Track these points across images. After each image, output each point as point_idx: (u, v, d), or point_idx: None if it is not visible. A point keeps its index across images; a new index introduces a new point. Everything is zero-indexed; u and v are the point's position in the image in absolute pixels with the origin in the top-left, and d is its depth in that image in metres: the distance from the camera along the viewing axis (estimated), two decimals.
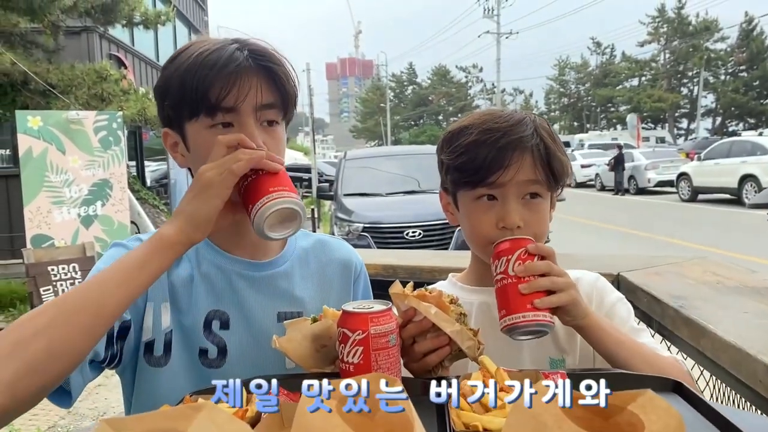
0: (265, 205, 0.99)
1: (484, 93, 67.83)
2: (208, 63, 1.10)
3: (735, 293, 1.60)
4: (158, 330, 1.17)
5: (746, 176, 15.85)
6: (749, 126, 46.21)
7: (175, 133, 1.19)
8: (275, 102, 1.14)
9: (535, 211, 1.22)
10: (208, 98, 1.10)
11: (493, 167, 1.18)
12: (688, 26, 51.71)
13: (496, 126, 1.21)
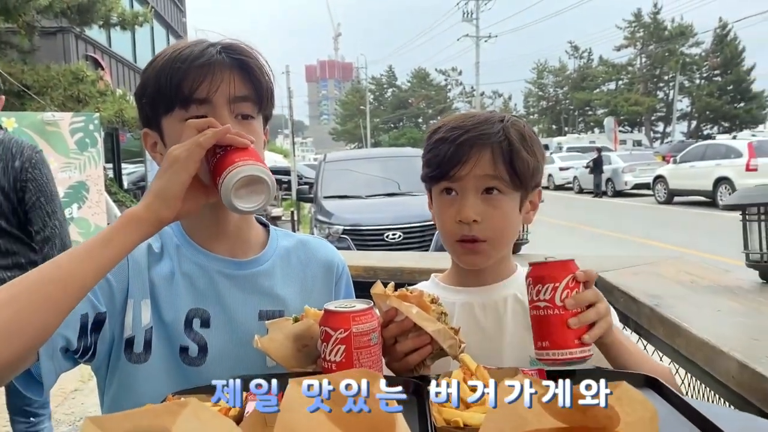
0: (231, 173, 0.98)
1: (463, 96, 68.19)
2: (180, 57, 1.13)
3: (709, 292, 1.64)
4: (138, 327, 1.16)
5: (720, 179, 16.11)
6: (723, 129, 46.98)
7: (154, 133, 1.20)
8: (249, 95, 1.16)
9: (493, 206, 1.24)
10: (181, 90, 1.12)
11: (452, 161, 1.22)
12: (664, 31, 52.49)
13: (462, 124, 1.25)
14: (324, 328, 0.95)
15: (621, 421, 0.64)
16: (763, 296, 1.61)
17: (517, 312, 1.30)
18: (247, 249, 1.28)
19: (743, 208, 2.02)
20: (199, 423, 0.61)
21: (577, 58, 61.95)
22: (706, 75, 51.78)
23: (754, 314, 1.46)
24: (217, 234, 1.24)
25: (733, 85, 49.60)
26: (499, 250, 1.29)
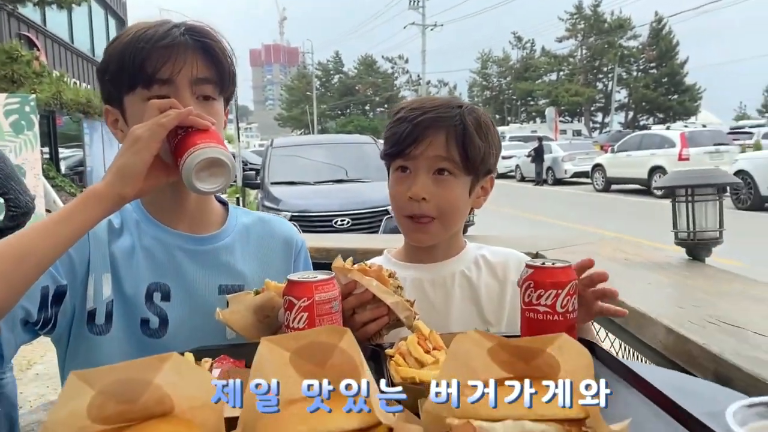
0: (192, 155, 1.01)
1: (410, 84, 68.38)
2: (144, 37, 1.15)
3: (641, 268, 1.76)
4: (100, 299, 1.19)
5: (655, 167, 16.76)
6: (658, 120, 48.73)
7: (116, 110, 1.22)
8: (211, 77, 1.19)
9: (443, 187, 1.30)
10: (144, 70, 1.14)
11: (407, 140, 1.29)
12: (604, 23, 53.90)
13: (421, 106, 1.32)
14: (288, 297, 1.00)
15: (561, 369, 0.72)
16: (689, 271, 1.75)
17: (464, 287, 1.38)
18: (207, 225, 1.31)
19: (672, 191, 2.17)
20: (179, 376, 0.66)
21: (521, 48, 62.98)
22: (642, 67, 53.52)
23: (680, 286, 1.59)
24: (177, 211, 1.27)
25: (667, 78, 51.46)
26: (447, 229, 1.35)
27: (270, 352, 0.72)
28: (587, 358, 0.70)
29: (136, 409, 0.65)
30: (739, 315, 1.37)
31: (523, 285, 1.07)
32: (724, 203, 2.18)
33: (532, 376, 0.73)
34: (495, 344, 0.73)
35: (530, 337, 0.72)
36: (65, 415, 0.64)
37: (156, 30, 1.16)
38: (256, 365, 0.71)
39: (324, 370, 0.72)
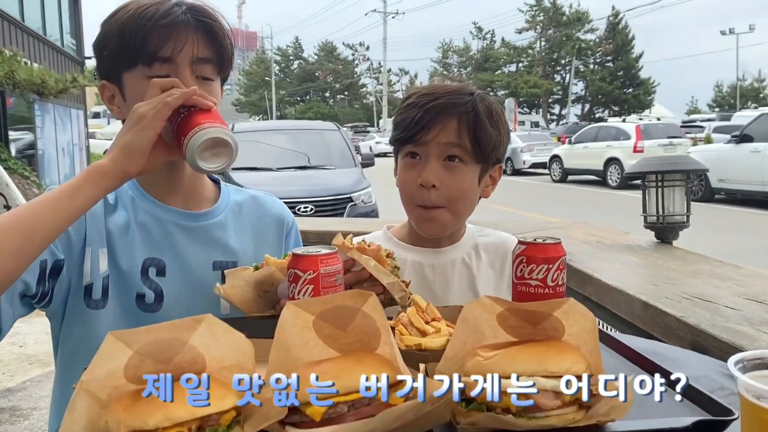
0: (196, 134, 1.03)
1: (370, 71, 68.23)
2: (146, 15, 1.15)
3: (613, 250, 1.85)
4: (96, 274, 1.20)
5: (611, 159, 17.19)
6: (613, 113, 49.84)
7: (113, 86, 1.22)
8: (211, 57, 1.20)
9: (453, 174, 1.30)
10: (145, 48, 1.15)
11: (418, 126, 1.28)
12: (562, 16, 54.68)
13: (433, 91, 1.31)
14: (293, 270, 1.03)
15: (565, 332, 0.77)
16: (659, 252, 1.84)
17: (463, 275, 1.41)
18: (200, 202, 1.33)
19: (643, 176, 2.26)
20: (212, 336, 0.69)
21: (481, 39, 63.40)
22: (599, 61, 54.54)
23: (652, 267, 1.68)
24: (172, 187, 1.28)
25: (623, 71, 52.58)
26: (456, 218, 1.36)
27: (294, 316, 0.75)
28: (591, 321, 0.76)
29: (169, 368, 0.68)
30: (710, 291, 1.46)
31: (515, 260, 1.11)
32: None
33: (537, 338, 0.79)
34: (505, 309, 0.78)
35: (539, 302, 0.77)
36: (103, 374, 0.66)
37: (157, 8, 1.16)
38: (280, 328, 0.74)
39: (346, 332, 0.76)
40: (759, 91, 50.32)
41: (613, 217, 11.62)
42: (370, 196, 8.06)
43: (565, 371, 0.71)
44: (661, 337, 1.33)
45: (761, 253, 7.13)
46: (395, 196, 1.43)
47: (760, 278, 1.63)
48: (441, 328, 1.00)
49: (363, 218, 6.85)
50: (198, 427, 0.64)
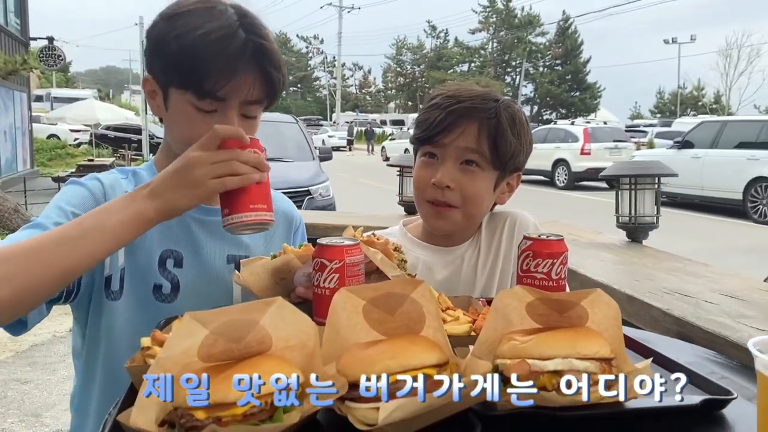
0: (242, 222, 1.07)
1: (324, 65, 67.89)
2: (214, 47, 1.12)
3: (590, 247, 1.96)
4: (115, 266, 1.22)
5: (559, 160, 17.68)
6: (561, 115, 51.14)
7: (159, 87, 1.21)
8: (261, 99, 1.20)
9: (469, 178, 1.31)
10: (202, 84, 1.13)
11: (438, 127, 1.30)
12: (514, 19, 55.72)
13: (458, 94, 1.32)
14: (319, 259, 1.08)
15: (589, 320, 0.85)
16: (633, 251, 1.96)
17: (471, 272, 1.42)
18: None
19: (617, 179, 2.39)
20: (281, 318, 0.74)
21: (435, 37, 64.01)
22: (548, 64, 55.87)
23: (629, 264, 1.80)
24: None
25: (571, 75, 54.04)
26: (467, 219, 1.37)
27: (344, 301, 0.81)
28: (615, 310, 0.84)
29: (239, 347, 0.72)
30: (687, 287, 1.59)
31: (521, 254, 1.18)
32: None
33: (561, 325, 0.87)
34: (535, 298, 0.86)
35: (568, 292, 0.85)
36: (178, 352, 0.70)
37: (223, 39, 1.12)
38: (332, 310, 0.80)
39: (393, 317, 0.82)
40: (698, 99, 52.44)
41: (563, 216, 11.98)
42: (328, 189, 8.08)
43: (594, 354, 0.79)
44: (647, 328, 1.44)
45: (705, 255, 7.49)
46: (351, 190, 1.44)
47: (730, 276, 1.78)
48: (459, 316, 1.06)
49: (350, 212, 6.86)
50: (272, 401, 0.69)
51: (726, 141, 12.29)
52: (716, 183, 12.11)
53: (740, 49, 43.36)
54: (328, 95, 61.21)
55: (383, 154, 29.45)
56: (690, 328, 1.33)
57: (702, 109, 47.21)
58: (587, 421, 0.78)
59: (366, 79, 73.00)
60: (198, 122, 1.16)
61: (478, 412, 0.78)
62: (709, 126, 13.28)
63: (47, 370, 4.44)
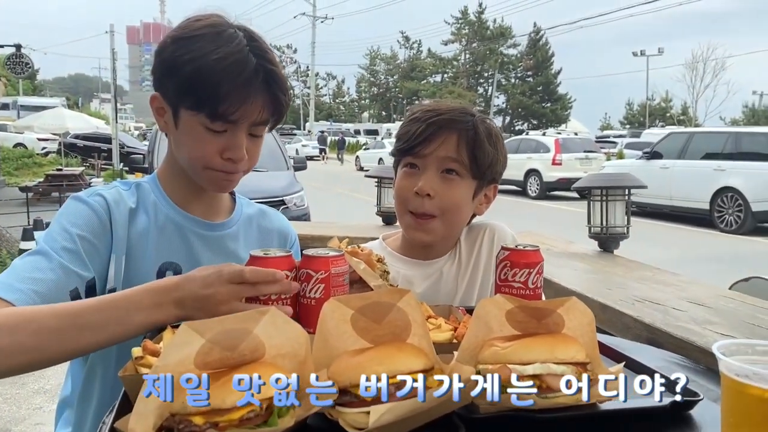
0: None
1: (298, 74, 67.82)
2: (226, 72, 1.15)
3: (563, 257, 2.01)
4: (119, 280, 1.24)
5: (531, 171, 17.90)
6: (532, 126, 51.80)
7: (167, 105, 1.24)
8: (269, 120, 1.24)
9: (449, 186, 1.36)
10: (216, 109, 1.16)
11: (419, 138, 1.35)
12: (487, 30, 56.40)
13: (437, 108, 1.39)
14: (306, 270, 1.10)
15: (565, 326, 0.90)
16: (604, 261, 2.03)
17: (451, 285, 1.46)
18: (218, 212, 1.38)
19: (589, 191, 2.46)
20: (274, 327, 0.77)
21: (408, 48, 64.46)
22: (520, 75, 56.61)
23: (601, 273, 1.86)
24: (195, 196, 1.33)
25: (542, 86, 54.81)
26: (447, 229, 1.41)
27: (333, 310, 0.84)
28: (589, 317, 0.89)
29: (233, 356, 0.75)
30: (657, 295, 1.66)
31: (499, 264, 1.23)
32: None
33: (539, 332, 0.91)
34: (514, 306, 0.90)
35: (546, 300, 0.90)
36: (175, 360, 0.73)
37: (236, 65, 1.16)
38: (321, 320, 0.84)
39: (381, 325, 0.86)
40: (666, 110, 53.63)
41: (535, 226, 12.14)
42: (302, 199, 8.09)
43: (571, 358, 0.84)
44: (619, 335, 1.50)
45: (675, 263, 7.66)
46: (326, 200, 1.48)
47: (696, 285, 1.85)
48: (441, 324, 1.10)
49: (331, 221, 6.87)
50: (267, 406, 0.72)
51: (693, 152, 12.58)
52: (684, 193, 12.38)
53: (706, 62, 44.59)
54: (302, 105, 61.20)
55: (357, 163, 29.50)
56: (659, 334, 1.40)
57: (670, 120, 48.29)
58: (565, 423, 0.83)
59: (340, 89, 73.20)
60: (207, 141, 1.20)
61: (461, 414, 0.82)
62: (677, 137, 13.58)
63: (16, 384, 4.37)
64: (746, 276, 2.42)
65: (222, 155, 1.22)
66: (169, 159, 1.33)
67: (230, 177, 1.26)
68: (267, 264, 1.07)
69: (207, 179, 1.26)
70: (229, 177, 1.26)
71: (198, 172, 1.25)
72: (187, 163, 1.26)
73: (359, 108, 71.58)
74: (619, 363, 1.06)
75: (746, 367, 0.71)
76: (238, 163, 1.23)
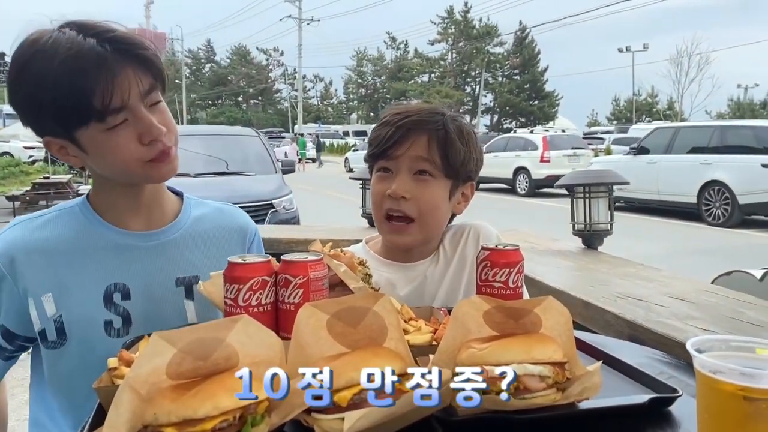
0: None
1: (285, 77, 67.76)
2: (77, 70, 1.09)
3: (547, 254, 2.02)
4: (45, 319, 1.21)
5: (519, 168, 17.96)
6: (520, 124, 51.98)
7: (62, 140, 1.18)
8: (154, 83, 1.18)
9: (423, 187, 1.36)
10: (93, 106, 1.10)
11: (389, 141, 1.35)
12: (473, 29, 56.55)
13: (406, 110, 1.39)
14: (284, 275, 1.09)
15: (543, 325, 0.90)
16: (588, 257, 2.03)
17: (433, 288, 1.44)
18: (161, 218, 1.32)
19: (571, 188, 2.47)
20: (246, 335, 0.77)
21: (395, 48, 64.56)
22: (507, 73, 56.79)
23: (585, 270, 1.86)
24: (132, 209, 1.27)
25: (529, 84, 55.04)
26: (425, 231, 1.40)
27: (308, 316, 0.84)
28: (566, 316, 0.89)
29: (206, 365, 0.74)
30: (640, 291, 1.66)
31: (479, 265, 1.22)
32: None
33: (517, 332, 0.91)
34: (492, 307, 0.90)
35: (522, 300, 0.90)
36: (147, 371, 0.72)
37: (83, 58, 1.09)
38: (296, 327, 0.83)
39: (356, 329, 0.85)
40: (652, 105, 53.96)
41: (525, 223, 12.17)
42: (291, 202, 8.06)
43: (548, 358, 0.84)
44: (601, 332, 1.50)
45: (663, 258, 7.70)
46: (315, 203, 1.47)
47: (679, 280, 1.86)
48: (421, 326, 1.10)
49: (313, 225, 6.86)
50: (240, 415, 0.71)
51: (679, 146, 12.65)
52: (671, 187, 12.44)
53: (690, 57, 44.89)
54: (290, 107, 61.10)
55: (346, 165, 29.46)
56: (641, 331, 1.40)
57: (656, 115, 48.60)
58: (543, 423, 0.83)
59: (327, 91, 73.11)
60: (119, 140, 1.14)
61: (440, 417, 0.82)
62: (663, 132, 13.65)
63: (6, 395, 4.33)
64: (728, 270, 2.44)
65: (142, 142, 1.16)
66: (96, 182, 1.28)
67: (165, 157, 1.19)
68: (245, 270, 1.06)
69: (149, 174, 1.20)
70: (165, 157, 1.19)
71: (136, 172, 1.19)
72: (120, 173, 1.20)
73: (347, 109, 71.59)
74: (599, 361, 1.06)
75: (718, 363, 0.71)
76: (161, 139, 1.17)
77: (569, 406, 0.85)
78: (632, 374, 1.00)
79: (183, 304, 1.30)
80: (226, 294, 1.07)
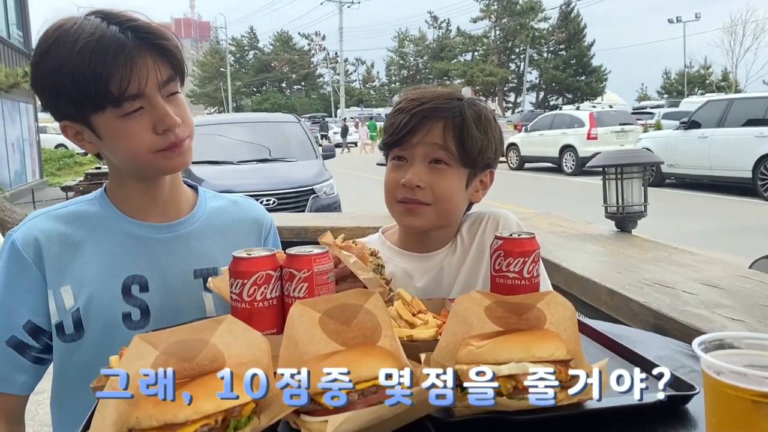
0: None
1: (327, 61, 67.87)
2: (96, 54, 1.10)
3: (577, 239, 1.95)
4: (63, 311, 1.22)
5: (566, 146, 17.56)
6: (567, 100, 50.81)
7: (78, 125, 1.20)
8: (173, 74, 1.19)
9: (438, 176, 1.32)
10: (110, 92, 1.11)
11: (404, 130, 1.31)
12: (516, 5, 55.38)
13: (421, 96, 1.33)
14: (288, 269, 1.08)
15: (547, 321, 0.86)
16: (620, 242, 1.96)
17: (451, 277, 1.41)
18: (178, 211, 1.33)
19: (603, 169, 2.38)
20: (231, 336, 0.75)
21: (437, 28, 63.77)
22: (552, 49, 55.52)
23: (614, 255, 1.80)
24: (149, 203, 1.28)
25: (575, 59, 53.68)
26: (441, 218, 1.36)
27: (301, 314, 0.82)
28: (570, 311, 0.85)
29: (192, 366, 0.73)
30: (668, 277, 1.59)
31: (493, 254, 1.18)
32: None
33: (521, 328, 0.87)
34: (493, 302, 0.86)
35: (524, 295, 0.86)
36: (131, 374, 0.71)
37: (104, 43, 1.11)
38: (289, 324, 0.81)
39: (349, 327, 0.83)
40: (705, 77, 51.97)
41: (567, 204, 11.93)
42: (332, 187, 8.08)
43: (549, 356, 0.80)
44: (626, 321, 1.44)
45: (715, 235, 7.44)
46: (356, 188, 1.44)
47: (713, 263, 1.77)
48: (428, 320, 1.07)
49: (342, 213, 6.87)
50: (223, 418, 0.70)
51: (733, 119, 12.15)
52: (724, 162, 11.98)
53: (745, 25, 42.93)
54: (332, 92, 61.25)
55: None
56: (666, 321, 1.33)
57: (710, 87, 46.78)
58: (545, 424, 0.79)
59: (369, 74, 72.92)
60: (133, 127, 1.15)
61: (435, 419, 0.79)
62: (715, 105, 13.12)
63: None
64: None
65: (156, 131, 1.16)
66: (112, 173, 1.28)
67: (177, 148, 1.20)
68: (248, 264, 1.05)
69: (160, 163, 1.21)
70: (176, 148, 1.19)
71: (149, 163, 1.19)
72: (132, 162, 1.21)
73: (390, 92, 71.25)
74: (620, 355, 1.02)
75: (724, 365, 0.66)
76: (175, 130, 1.17)
77: (574, 406, 0.81)
78: (646, 368, 0.95)
79: (201, 296, 1.30)
80: (232, 289, 1.06)
